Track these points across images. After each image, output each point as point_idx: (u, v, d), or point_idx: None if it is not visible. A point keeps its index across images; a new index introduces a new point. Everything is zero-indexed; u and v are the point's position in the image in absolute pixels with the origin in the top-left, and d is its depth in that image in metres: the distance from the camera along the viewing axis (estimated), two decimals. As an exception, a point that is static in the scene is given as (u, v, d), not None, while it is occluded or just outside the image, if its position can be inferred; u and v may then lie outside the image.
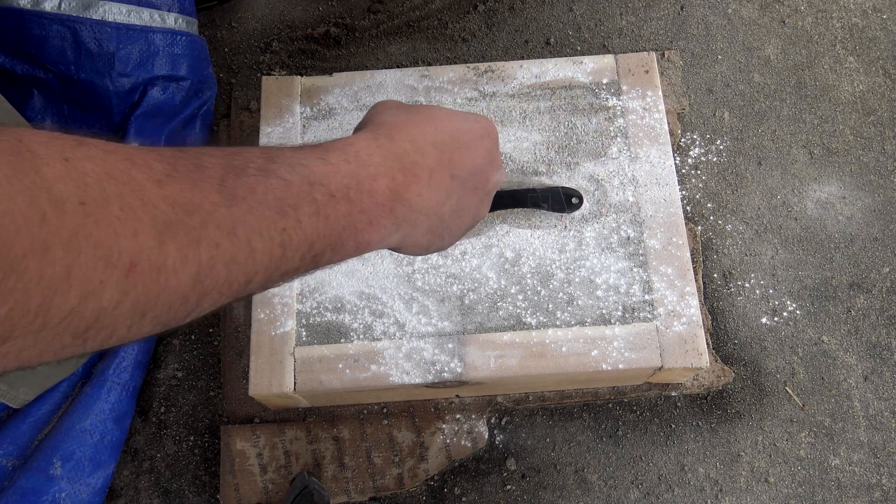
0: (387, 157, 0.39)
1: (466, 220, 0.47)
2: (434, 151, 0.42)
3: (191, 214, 0.28)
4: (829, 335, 0.90)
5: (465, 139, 0.44)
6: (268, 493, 0.82)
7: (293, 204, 0.33)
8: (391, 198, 0.38)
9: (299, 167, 0.34)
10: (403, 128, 0.42)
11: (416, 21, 1.06)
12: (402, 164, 0.40)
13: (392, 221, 0.39)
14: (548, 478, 0.84)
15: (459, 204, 0.45)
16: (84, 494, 0.78)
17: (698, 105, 1.00)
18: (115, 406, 0.81)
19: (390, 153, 0.39)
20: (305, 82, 0.87)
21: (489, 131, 0.48)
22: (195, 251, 0.28)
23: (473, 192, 0.46)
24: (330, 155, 0.36)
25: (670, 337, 0.76)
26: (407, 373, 0.75)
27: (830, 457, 0.85)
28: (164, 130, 0.90)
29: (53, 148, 0.25)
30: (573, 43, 1.04)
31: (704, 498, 0.83)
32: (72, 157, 0.25)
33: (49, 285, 0.23)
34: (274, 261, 0.32)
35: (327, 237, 0.35)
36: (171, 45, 0.86)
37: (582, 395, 0.86)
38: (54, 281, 0.23)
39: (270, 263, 0.32)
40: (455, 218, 0.45)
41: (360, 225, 0.37)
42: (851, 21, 1.05)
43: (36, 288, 0.23)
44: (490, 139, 0.47)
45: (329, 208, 0.35)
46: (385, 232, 0.39)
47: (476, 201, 0.47)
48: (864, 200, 0.95)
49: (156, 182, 0.28)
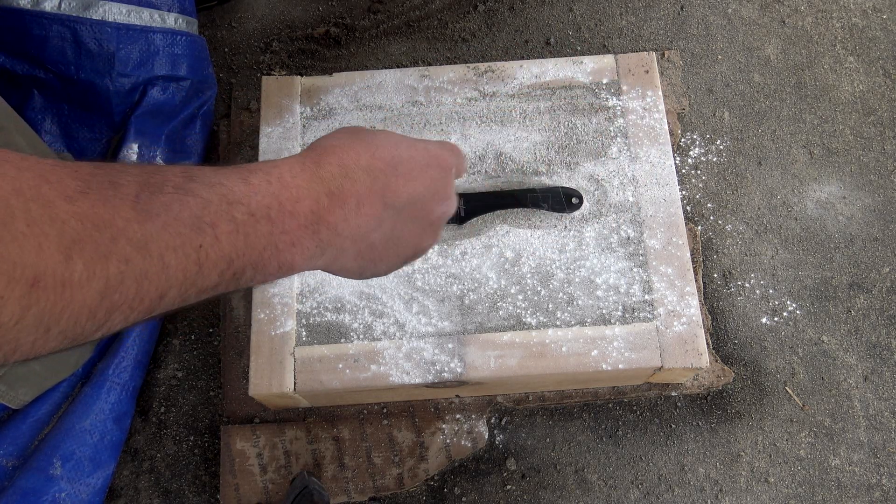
0: (311, 180, 0.39)
1: (405, 250, 0.46)
2: (365, 177, 0.41)
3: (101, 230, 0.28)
4: (829, 335, 0.90)
5: (405, 168, 0.44)
6: (268, 493, 0.82)
7: (211, 222, 0.33)
8: (314, 220, 0.38)
9: (218, 186, 0.34)
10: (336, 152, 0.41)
11: (416, 21, 1.06)
12: (328, 188, 0.39)
13: (316, 244, 0.39)
14: (548, 478, 0.84)
15: (394, 233, 0.44)
16: (84, 494, 0.78)
17: (698, 105, 1.00)
18: (115, 406, 0.81)
19: (315, 176, 0.39)
20: (305, 82, 0.87)
21: (440, 161, 0.46)
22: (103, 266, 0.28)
23: (412, 223, 0.45)
24: (252, 176, 0.36)
25: (670, 337, 0.76)
26: (407, 373, 0.75)
27: (830, 457, 0.85)
28: (164, 130, 0.90)
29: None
30: (573, 43, 1.04)
31: (704, 498, 0.83)
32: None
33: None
34: (189, 277, 0.32)
35: (247, 256, 0.35)
36: (171, 45, 0.86)
37: (582, 395, 0.86)
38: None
39: (185, 280, 0.32)
40: (389, 246, 0.44)
41: (282, 245, 0.37)
42: (851, 21, 1.05)
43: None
44: (438, 169, 0.46)
45: (249, 227, 0.35)
46: (308, 254, 0.39)
47: (416, 231, 0.46)
48: (864, 200, 0.96)
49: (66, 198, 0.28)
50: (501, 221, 0.81)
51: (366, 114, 0.86)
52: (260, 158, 0.83)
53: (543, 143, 0.84)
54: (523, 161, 0.83)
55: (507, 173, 0.83)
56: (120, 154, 0.86)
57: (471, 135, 0.85)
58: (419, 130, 0.85)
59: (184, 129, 0.93)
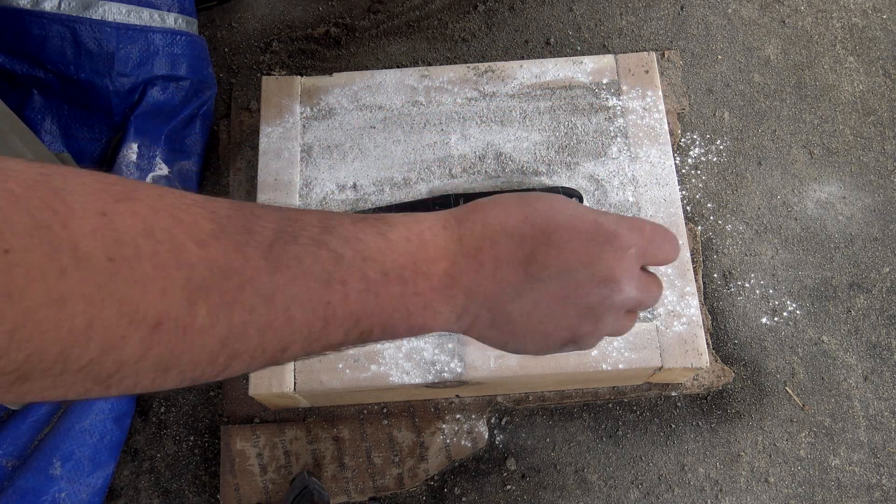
0: (450, 240, 0.36)
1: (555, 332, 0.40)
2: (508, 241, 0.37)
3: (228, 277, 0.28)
4: (829, 335, 0.90)
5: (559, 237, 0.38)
6: (268, 493, 0.82)
7: (342, 279, 0.32)
8: (447, 283, 0.36)
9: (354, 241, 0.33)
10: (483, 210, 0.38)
11: (416, 21, 1.06)
12: (465, 249, 0.36)
13: (450, 308, 0.36)
14: (548, 478, 0.84)
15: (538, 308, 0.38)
16: (84, 494, 0.78)
17: (698, 105, 1.00)
18: (115, 406, 0.81)
19: (454, 235, 0.37)
20: (305, 82, 0.87)
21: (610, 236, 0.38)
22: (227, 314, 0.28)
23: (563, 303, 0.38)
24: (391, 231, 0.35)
25: (670, 337, 0.76)
26: (407, 373, 0.75)
27: (830, 457, 0.85)
28: (164, 130, 0.90)
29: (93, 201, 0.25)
30: (573, 43, 1.04)
31: (704, 498, 0.83)
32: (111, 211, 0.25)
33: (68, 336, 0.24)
34: (314, 333, 0.32)
35: (376, 315, 0.33)
36: (171, 45, 0.86)
37: (582, 395, 0.86)
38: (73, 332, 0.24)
39: (310, 335, 0.32)
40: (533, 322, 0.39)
41: (414, 308, 0.35)
42: (851, 21, 1.05)
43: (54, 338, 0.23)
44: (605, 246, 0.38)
45: (381, 287, 0.33)
46: (443, 318, 0.36)
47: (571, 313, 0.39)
48: (864, 200, 0.96)
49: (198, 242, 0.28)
50: (501, 221, 0.81)
51: (366, 114, 0.86)
52: (260, 158, 0.83)
53: (543, 143, 0.84)
54: (523, 161, 0.83)
55: (507, 173, 0.83)
56: (120, 154, 0.86)
57: (471, 135, 0.85)
58: (419, 130, 0.85)
59: (184, 129, 0.93)
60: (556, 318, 0.39)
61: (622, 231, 0.39)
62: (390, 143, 0.84)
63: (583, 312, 0.39)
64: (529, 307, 0.38)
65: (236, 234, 0.29)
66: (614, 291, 0.39)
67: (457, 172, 0.83)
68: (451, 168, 0.83)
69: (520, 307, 0.38)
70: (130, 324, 0.25)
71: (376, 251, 0.33)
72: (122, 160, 0.86)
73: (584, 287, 0.38)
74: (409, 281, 0.34)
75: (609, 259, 0.38)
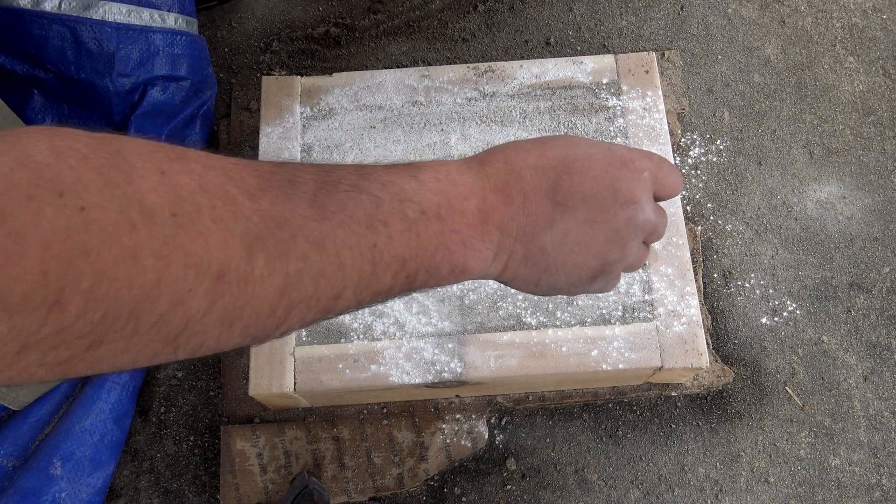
0: (476, 177, 0.38)
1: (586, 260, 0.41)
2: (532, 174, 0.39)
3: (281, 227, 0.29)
4: (829, 335, 0.90)
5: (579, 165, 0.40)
6: (268, 493, 0.82)
7: (384, 220, 0.33)
8: (482, 219, 0.37)
9: (390, 185, 0.34)
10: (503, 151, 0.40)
11: (416, 21, 1.06)
12: (493, 185, 0.38)
13: (487, 246, 0.37)
14: (548, 478, 0.84)
15: (569, 237, 0.40)
16: (84, 494, 0.78)
17: (698, 105, 1.00)
18: (115, 406, 0.81)
19: (480, 173, 0.38)
20: (305, 82, 0.87)
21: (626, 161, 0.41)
22: (283, 263, 0.29)
23: (592, 227, 0.40)
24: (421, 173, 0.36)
25: (670, 337, 0.76)
26: (407, 373, 0.75)
27: (830, 457, 0.85)
28: (164, 130, 0.90)
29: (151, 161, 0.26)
30: (573, 43, 1.04)
31: (704, 498, 0.83)
32: (168, 170, 0.27)
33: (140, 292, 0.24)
34: (364, 277, 0.33)
35: (420, 257, 0.34)
36: (171, 45, 0.86)
37: (582, 395, 0.86)
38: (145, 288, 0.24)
39: (361, 280, 0.32)
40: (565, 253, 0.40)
41: (454, 245, 0.36)
42: (851, 21, 1.05)
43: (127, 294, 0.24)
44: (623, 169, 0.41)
45: (420, 226, 0.34)
46: (481, 257, 0.37)
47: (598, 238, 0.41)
48: (864, 200, 0.96)
49: (249, 196, 0.29)
50: (501, 221, 0.81)
51: (366, 114, 0.86)
52: (260, 158, 0.83)
53: (543, 143, 0.84)
54: (523, 161, 0.83)
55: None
56: (120, 154, 0.86)
57: (471, 135, 0.85)
58: (419, 130, 0.85)
59: (184, 129, 0.93)
60: (587, 244, 0.41)
61: (635, 156, 0.41)
62: (390, 143, 0.84)
63: (610, 237, 0.41)
64: (560, 236, 0.40)
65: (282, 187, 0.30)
66: (637, 211, 0.41)
67: (457, 172, 0.83)
68: (451, 168, 0.83)
69: (551, 237, 0.39)
70: (196, 276, 0.26)
71: (411, 192, 0.35)
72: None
73: (610, 209, 0.40)
74: (446, 218, 0.35)
75: (628, 181, 0.41)
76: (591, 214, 0.40)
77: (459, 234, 0.36)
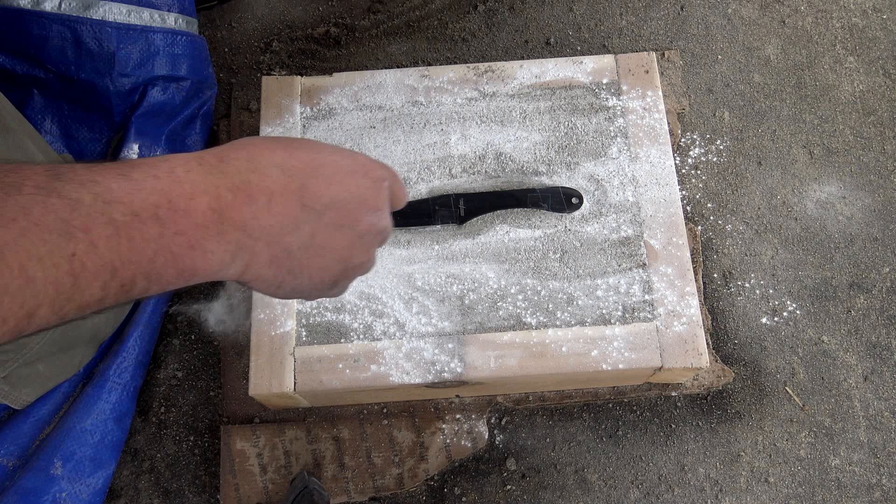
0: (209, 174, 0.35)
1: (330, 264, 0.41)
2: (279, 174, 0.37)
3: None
4: (829, 335, 0.90)
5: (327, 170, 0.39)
6: (268, 493, 0.82)
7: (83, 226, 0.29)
8: (216, 219, 0.34)
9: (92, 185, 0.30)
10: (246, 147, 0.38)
11: (416, 21, 1.06)
12: (232, 183, 0.35)
13: (223, 247, 0.35)
14: (548, 478, 0.84)
15: (315, 240, 0.39)
16: (84, 494, 0.78)
17: (698, 105, 1.00)
18: (116, 406, 0.81)
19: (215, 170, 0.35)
20: (305, 82, 0.87)
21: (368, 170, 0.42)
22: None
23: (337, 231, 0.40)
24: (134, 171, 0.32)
25: (670, 337, 0.76)
26: (407, 373, 0.75)
27: (830, 457, 0.85)
28: (165, 130, 0.90)
29: None
30: (573, 43, 1.04)
31: (704, 498, 0.83)
32: None
33: None
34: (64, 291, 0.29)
35: (135, 263, 0.31)
36: (171, 45, 0.86)
37: (582, 395, 0.86)
38: None
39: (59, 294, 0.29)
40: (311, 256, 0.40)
41: (178, 248, 0.33)
42: (851, 21, 1.05)
43: None
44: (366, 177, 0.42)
45: (133, 229, 0.31)
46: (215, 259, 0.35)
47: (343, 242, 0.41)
48: (864, 200, 0.96)
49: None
50: (501, 221, 0.81)
51: (366, 114, 0.86)
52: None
53: (543, 143, 0.84)
54: (523, 161, 0.83)
55: (507, 173, 0.83)
56: (120, 154, 0.86)
57: (471, 135, 0.85)
58: (419, 130, 0.85)
59: (184, 130, 0.93)
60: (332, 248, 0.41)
61: (375, 166, 0.43)
62: (390, 143, 0.84)
63: (355, 242, 0.42)
64: (307, 239, 0.39)
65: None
66: (380, 218, 0.43)
67: (457, 172, 0.83)
68: (451, 168, 0.83)
69: (299, 239, 0.39)
70: None
71: (119, 192, 0.31)
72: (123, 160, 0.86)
73: (355, 214, 0.41)
74: (167, 220, 0.32)
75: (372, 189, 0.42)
76: (338, 219, 0.40)
77: (185, 235, 0.33)
